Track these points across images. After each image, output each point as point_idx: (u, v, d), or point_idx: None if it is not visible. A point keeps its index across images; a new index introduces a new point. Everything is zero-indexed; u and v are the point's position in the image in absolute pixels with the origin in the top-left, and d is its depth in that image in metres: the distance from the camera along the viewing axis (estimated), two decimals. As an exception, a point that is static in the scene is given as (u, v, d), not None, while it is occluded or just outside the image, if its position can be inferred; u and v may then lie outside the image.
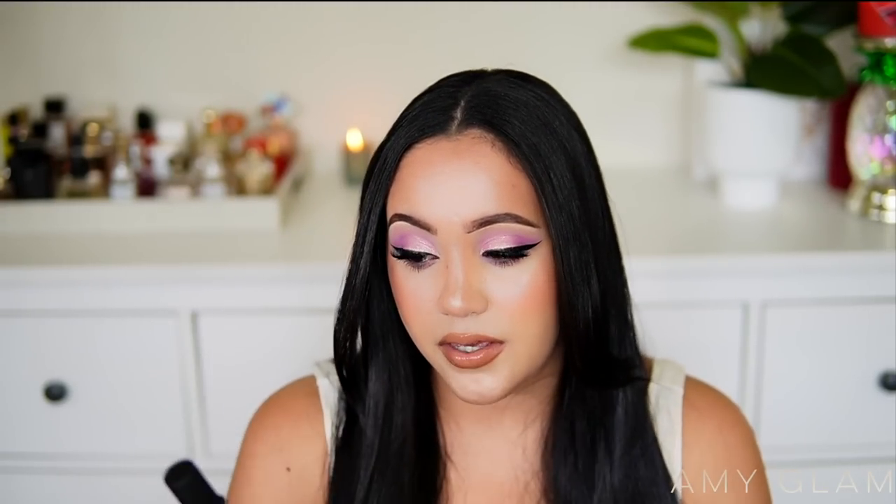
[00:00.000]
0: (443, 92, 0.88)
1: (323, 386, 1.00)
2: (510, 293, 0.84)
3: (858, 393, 1.49)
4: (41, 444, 1.53)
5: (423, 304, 0.85)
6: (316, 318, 1.46)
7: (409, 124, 0.87)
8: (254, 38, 1.96)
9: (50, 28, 1.95)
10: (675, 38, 1.75)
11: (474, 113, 0.85)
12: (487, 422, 0.96)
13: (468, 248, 0.84)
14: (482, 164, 0.83)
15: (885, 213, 1.61)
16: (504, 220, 0.83)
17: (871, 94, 1.62)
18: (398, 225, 0.85)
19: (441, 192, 0.83)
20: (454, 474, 0.97)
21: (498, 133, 0.84)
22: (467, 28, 1.92)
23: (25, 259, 1.53)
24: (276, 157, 1.81)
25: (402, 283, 0.87)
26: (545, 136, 0.86)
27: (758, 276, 1.48)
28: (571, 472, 0.94)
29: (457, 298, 0.82)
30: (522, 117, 0.85)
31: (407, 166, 0.85)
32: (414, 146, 0.85)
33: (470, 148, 0.84)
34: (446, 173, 0.83)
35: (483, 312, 0.84)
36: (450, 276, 0.83)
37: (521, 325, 0.85)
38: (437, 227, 0.84)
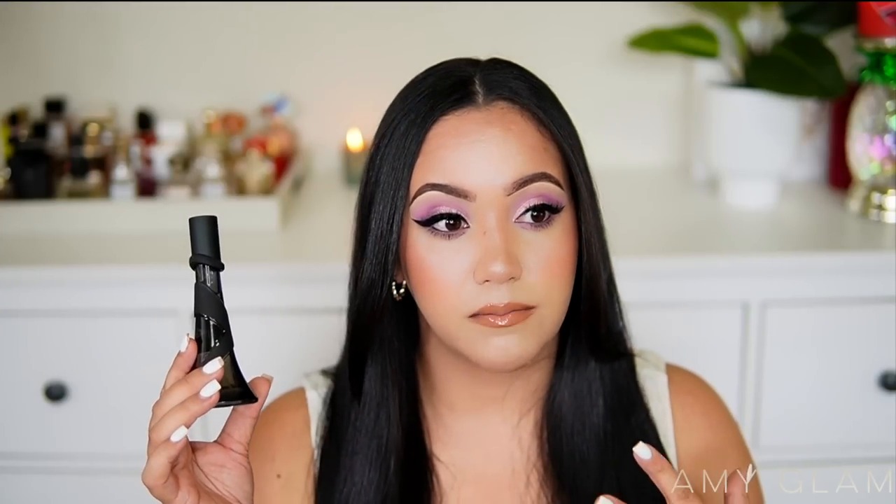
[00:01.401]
0: (450, 71, 0.90)
1: (311, 398, 1.02)
2: (542, 257, 0.85)
3: (858, 393, 1.49)
4: (41, 444, 1.53)
5: (453, 277, 0.85)
6: (315, 318, 1.46)
7: (428, 100, 0.87)
8: (254, 38, 1.96)
9: (50, 28, 1.95)
10: (675, 38, 1.75)
11: (495, 87, 0.88)
12: (483, 412, 0.97)
13: (503, 214, 0.85)
14: (514, 129, 0.86)
15: (885, 213, 1.61)
16: (541, 178, 0.86)
17: (871, 94, 1.62)
18: (430, 195, 0.85)
19: (478, 157, 0.84)
20: (444, 471, 0.97)
21: (523, 105, 0.87)
22: (467, 28, 1.92)
23: (25, 259, 1.53)
24: (276, 157, 1.81)
25: (428, 257, 0.86)
26: (559, 112, 0.90)
27: (758, 276, 1.48)
28: (567, 453, 0.95)
29: (499, 263, 0.83)
30: (539, 93, 0.89)
31: (435, 137, 0.86)
32: (441, 119, 0.86)
33: (501, 117, 0.86)
34: (482, 140, 0.85)
35: (519, 279, 0.85)
36: (489, 242, 0.84)
37: (550, 289, 0.86)
38: (475, 193, 0.84)
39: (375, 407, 0.96)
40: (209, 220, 0.84)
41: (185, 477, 0.81)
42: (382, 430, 0.96)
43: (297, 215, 1.73)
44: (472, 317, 0.85)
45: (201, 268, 0.85)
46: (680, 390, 1.01)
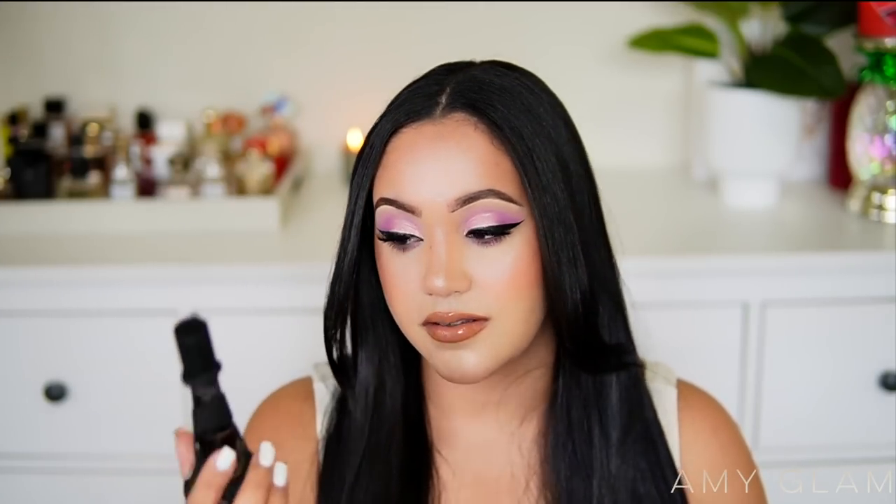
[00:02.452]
0: (430, 80, 0.90)
1: (318, 389, 1.02)
2: (493, 273, 0.85)
3: (858, 393, 1.49)
4: (41, 444, 1.53)
5: (407, 286, 0.87)
6: (316, 318, 1.45)
7: (395, 110, 0.89)
8: (254, 38, 1.96)
9: (50, 28, 1.95)
10: (675, 38, 1.75)
11: (458, 97, 0.87)
12: (481, 416, 0.96)
13: (451, 228, 0.85)
14: (464, 144, 0.85)
15: (885, 213, 1.61)
16: (487, 195, 0.84)
17: (871, 94, 1.62)
18: (384, 209, 0.87)
19: (425, 174, 0.85)
20: (446, 469, 0.97)
21: (481, 116, 0.86)
22: (467, 28, 1.92)
23: (25, 259, 1.53)
24: (276, 157, 1.80)
25: (387, 266, 0.88)
26: (528, 121, 0.87)
27: (758, 276, 1.48)
28: (570, 462, 0.95)
29: (440, 278, 0.83)
30: (506, 102, 0.87)
31: (393, 151, 0.87)
32: (399, 131, 0.87)
33: (454, 130, 0.86)
34: (430, 156, 0.85)
35: (466, 292, 0.85)
36: (433, 256, 0.85)
37: (505, 303, 0.85)
38: (420, 209, 0.85)
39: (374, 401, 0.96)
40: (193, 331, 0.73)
41: None
42: (383, 425, 0.96)
43: (297, 215, 1.72)
44: (424, 325, 0.87)
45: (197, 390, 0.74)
46: (690, 406, 1.00)
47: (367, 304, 0.95)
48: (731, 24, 1.71)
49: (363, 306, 0.95)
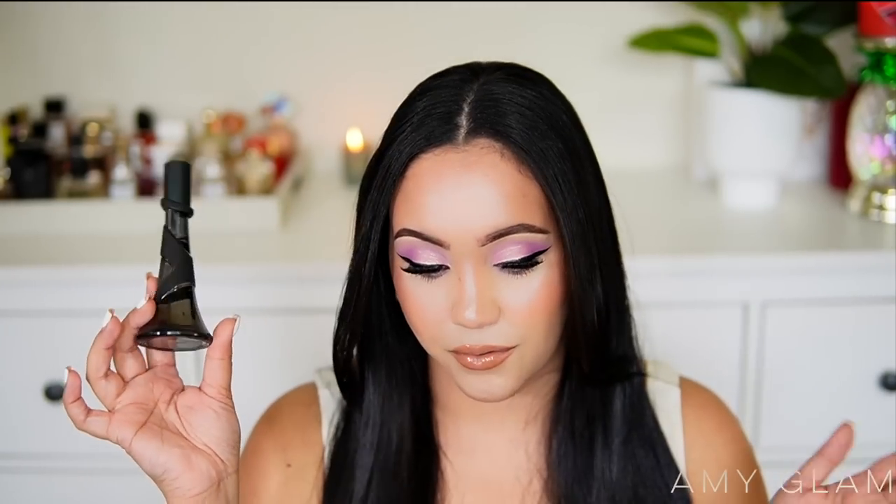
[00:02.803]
0: (443, 95, 0.87)
1: (323, 396, 1.01)
2: (523, 300, 0.84)
3: (858, 393, 1.49)
4: (41, 444, 1.53)
5: (433, 315, 0.85)
6: (316, 318, 1.45)
7: (413, 132, 0.85)
8: (254, 38, 1.96)
9: (50, 28, 1.95)
10: (675, 38, 1.75)
11: (481, 121, 0.84)
12: (487, 420, 0.96)
13: (480, 260, 0.83)
14: (492, 175, 0.83)
15: (885, 213, 1.61)
16: (517, 231, 0.83)
17: (871, 94, 1.62)
18: (407, 240, 0.85)
19: (452, 206, 0.83)
20: (451, 473, 0.97)
21: (506, 142, 0.84)
22: (467, 28, 1.92)
23: (25, 259, 1.53)
24: (276, 157, 1.81)
25: (411, 294, 0.86)
26: (551, 140, 0.85)
27: (758, 276, 1.48)
28: (572, 467, 0.95)
29: (471, 311, 0.82)
30: (529, 122, 0.85)
31: (413, 178, 0.84)
32: (420, 156, 0.84)
33: (479, 160, 0.83)
34: (457, 187, 0.83)
35: (495, 324, 0.84)
36: (463, 289, 0.83)
37: (530, 330, 0.85)
38: (449, 243, 0.83)
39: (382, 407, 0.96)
40: (183, 166, 0.88)
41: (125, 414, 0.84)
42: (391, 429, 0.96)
43: (297, 215, 1.72)
44: (451, 351, 0.86)
45: (170, 212, 0.90)
46: (693, 405, 1.00)
47: (376, 318, 0.94)
48: (731, 24, 1.71)
49: (372, 324, 0.94)
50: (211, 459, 0.84)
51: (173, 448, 0.84)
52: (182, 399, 0.86)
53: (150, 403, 0.85)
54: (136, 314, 0.84)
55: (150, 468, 0.84)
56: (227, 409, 0.86)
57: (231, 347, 0.86)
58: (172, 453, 0.83)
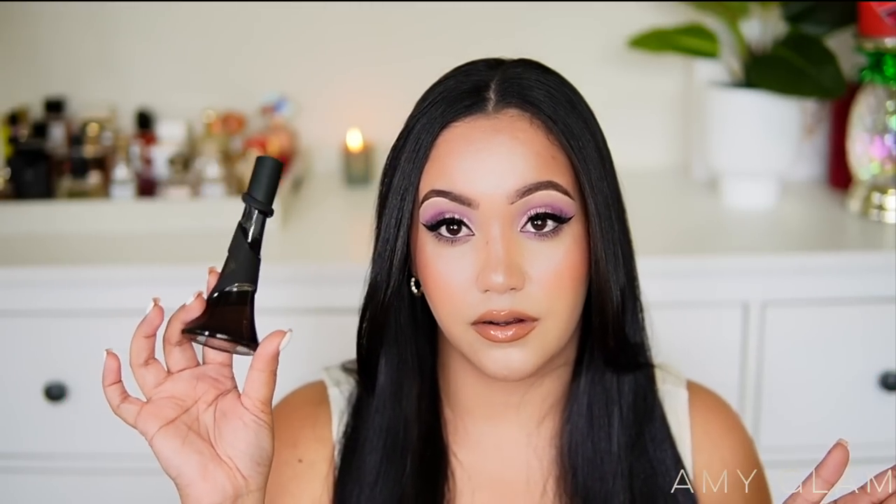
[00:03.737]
0: (470, 74, 0.89)
1: (333, 394, 1.00)
2: (548, 268, 0.85)
3: (858, 393, 1.49)
4: (41, 444, 1.53)
5: (457, 283, 0.85)
6: (316, 318, 1.46)
7: (441, 104, 0.87)
8: (254, 38, 1.96)
9: (50, 28, 1.95)
10: (675, 38, 1.75)
11: (509, 93, 0.86)
12: (498, 418, 0.96)
13: (507, 223, 0.84)
14: (521, 137, 0.85)
15: (885, 213, 1.61)
16: (546, 187, 0.84)
17: (871, 94, 1.62)
18: (435, 201, 0.85)
19: (483, 165, 0.84)
20: (462, 472, 0.97)
21: (535, 111, 0.86)
22: (467, 27, 1.92)
23: (25, 259, 1.53)
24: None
25: (434, 262, 0.86)
26: (576, 119, 0.88)
27: (758, 276, 1.48)
28: (586, 462, 0.95)
29: (499, 274, 0.82)
30: (555, 99, 0.87)
31: (444, 143, 0.86)
32: (451, 125, 0.86)
33: (510, 124, 0.85)
34: (488, 148, 0.84)
35: (521, 289, 0.84)
36: (491, 252, 0.83)
37: (555, 301, 0.85)
38: (479, 201, 0.84)
39: (391, 405, 0.96)
40: (275, 164, 0.83)
41: (156, 406, 0.81)
42: (398, 430, 0.96)
43: (297, 215, 1.72)
44: (474, 324, 0.85)
45: (249, 208, 0.83)
46: (701, 407, 1.01)
47: (395, 307, 0.94)
48: (731, 24, 1.71)
49: (390, 310, 0.93)
50: (230, 473, 0.81)
51: (192, 453, 0.80)
52: (221, 403, 0.83)
53: (188, 400, 0.82)
54: (184, 309, 0.82)
55: (166, 468, 0.81)
56: (260, 424, 0.82)
57: (276, 361, 0.83)
58: (190, 458, 0.80)
